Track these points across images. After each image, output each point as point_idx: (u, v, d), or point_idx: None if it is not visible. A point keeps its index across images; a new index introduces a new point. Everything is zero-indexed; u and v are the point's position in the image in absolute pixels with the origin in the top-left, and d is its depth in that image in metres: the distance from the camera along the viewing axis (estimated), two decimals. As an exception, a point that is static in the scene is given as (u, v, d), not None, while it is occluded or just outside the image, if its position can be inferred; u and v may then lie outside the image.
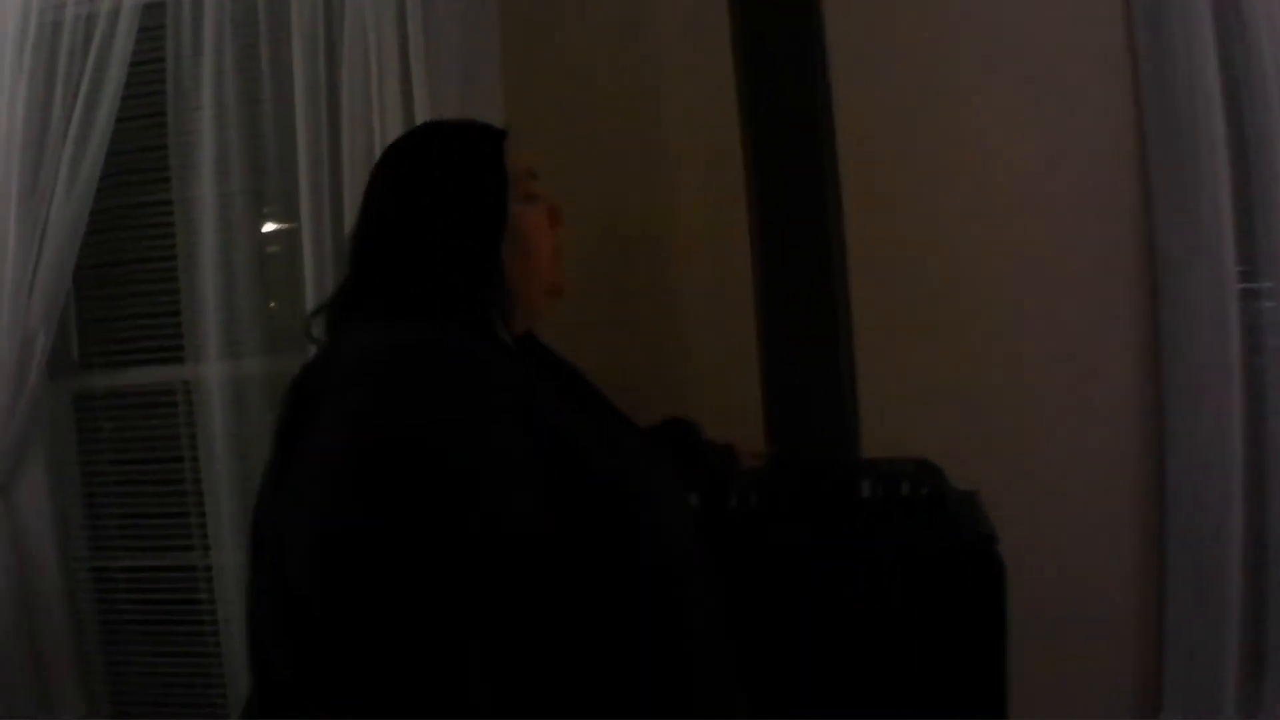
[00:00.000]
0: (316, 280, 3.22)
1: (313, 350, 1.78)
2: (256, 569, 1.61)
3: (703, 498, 2.40)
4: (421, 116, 3.05)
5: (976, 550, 2.20)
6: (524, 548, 1.49)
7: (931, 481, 2.44)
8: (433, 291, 1.75)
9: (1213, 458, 2.87)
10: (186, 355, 3.43)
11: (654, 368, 3.19)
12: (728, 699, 1.72)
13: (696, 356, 3.21)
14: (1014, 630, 2.19)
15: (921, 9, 3.14)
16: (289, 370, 1.67)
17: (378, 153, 2.77)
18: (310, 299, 3.19)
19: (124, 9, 3.38)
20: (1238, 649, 2.86)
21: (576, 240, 2.75)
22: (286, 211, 3.39)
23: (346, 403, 1.53)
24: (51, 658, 3.51)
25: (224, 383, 3.39)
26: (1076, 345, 3.03)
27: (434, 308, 1.73)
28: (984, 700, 2.17)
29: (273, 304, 3.44)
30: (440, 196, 1.83)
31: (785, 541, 2.34)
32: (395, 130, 3.08)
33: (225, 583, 3.45)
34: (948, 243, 3.08)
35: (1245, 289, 2.91)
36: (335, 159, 3.22)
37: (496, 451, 1.52)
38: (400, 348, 1.60)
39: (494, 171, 1.86)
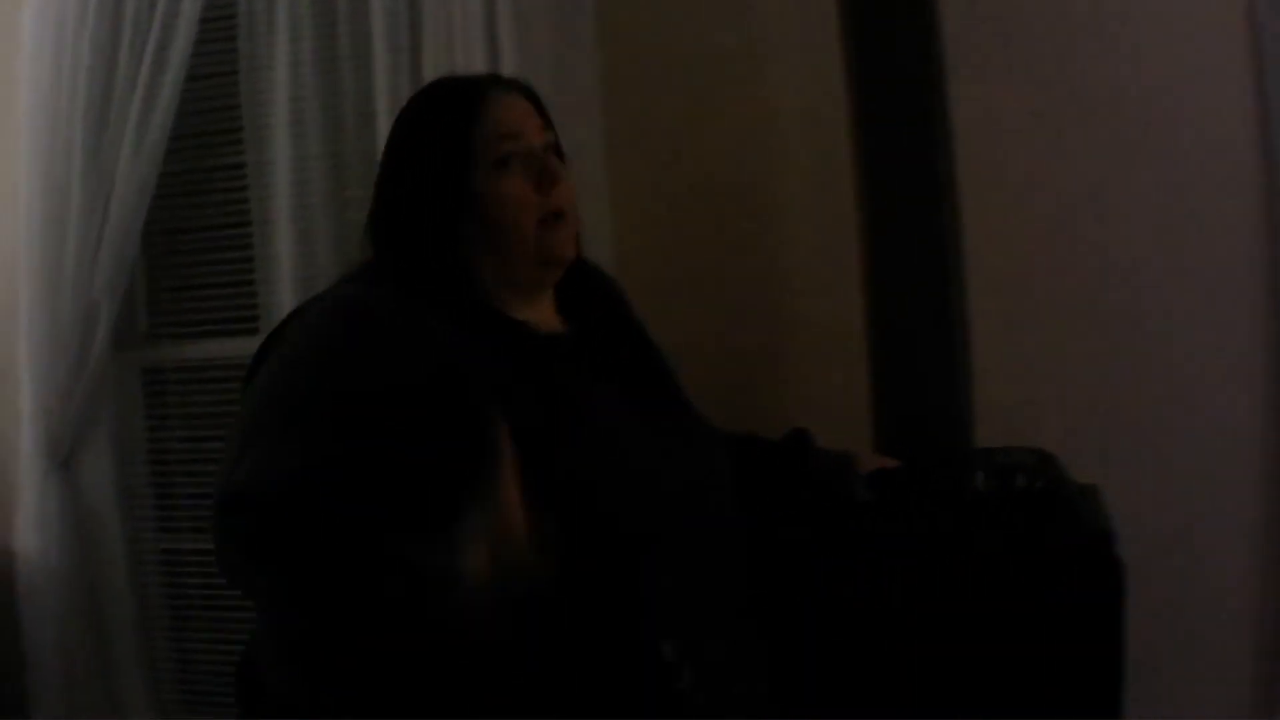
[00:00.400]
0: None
1: None
2: None
3: (813, 512, 2.38)
4: (508, 68, 2.99)
5: (1095, 549, 2.17)
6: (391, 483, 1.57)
7: (1049, 474, 2.41)
8: (397, 263, 1.91)
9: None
10: (261, 327, 3.45)
11: (750, 334, 3.16)
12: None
13: (797, 326, 3.15)
14: (1130, 628, 2.18)
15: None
16: (368, 341, 1.80)
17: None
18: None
19: (194, -40, 3.38)
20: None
21: (672, 199, 2.91)
22: (366, 175, 3.29)
23: (280, 355, 1.77)
24: (116, 643, 3.55)
25: (299, 356, 3.40)
26: (1204, 339, 2.98)
27: (401, 277, 1.86)
28: (1099, 701, 2.17)
29: (352, 273, 3.44)
30: (398, 169, 1.99)
31: (891, 534, 2.33)
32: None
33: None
34: (1070, 226, 3.02)
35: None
36: None
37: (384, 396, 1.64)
38: (332, 308, 1.83)
39: (451, 140, 1.94)
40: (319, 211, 3.40)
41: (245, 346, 3.45)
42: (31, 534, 3.51)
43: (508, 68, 3.00)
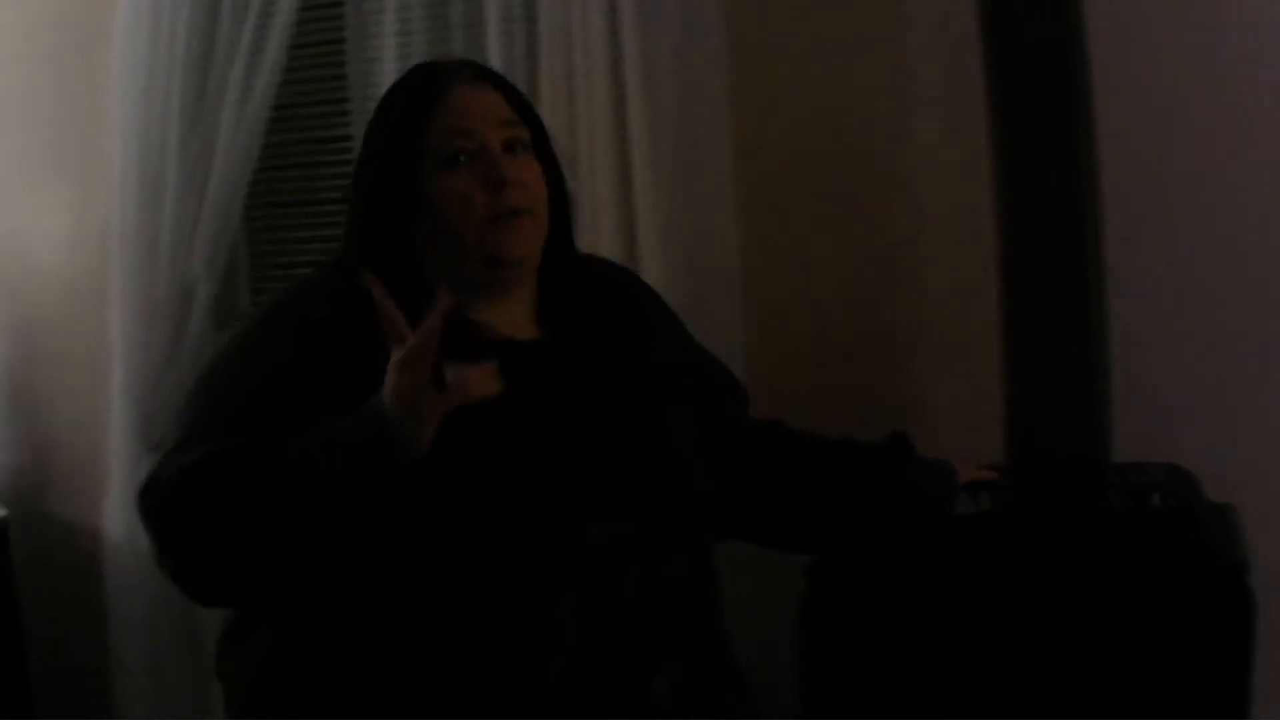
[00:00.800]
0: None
1: None
2: None
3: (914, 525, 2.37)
4: (629, 36, 3.04)
5: (1224, 579, 2.14)
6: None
7: (1183, 493, 2.39)
8: (351, 259, 2.03)
9: None
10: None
11: (877, 326, 3.14)
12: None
13: (925, 297, 3.11)
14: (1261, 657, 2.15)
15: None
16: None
17: (579, 81, 3.09)
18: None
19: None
20: None
21: (797, 153, 2.97)
22: None
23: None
24: (208, 635, 3.54)
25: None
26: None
27: (351, 274, 1.93)
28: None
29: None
30: (357, 164, 2.14)
31: (1010, 554, 2.32)
32: (600, 55, 3.08)
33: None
34: (1222, 225, 2.93)
35: None
36: (533, 89, 3.10)
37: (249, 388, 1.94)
38: (265, 304, 2.23)
39: (402, 137, 2.04)
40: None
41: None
42: (120, 520, 3.54)
43: (628, 35, 3.04)
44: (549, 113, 2.96)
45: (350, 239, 2.09)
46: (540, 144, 2.12)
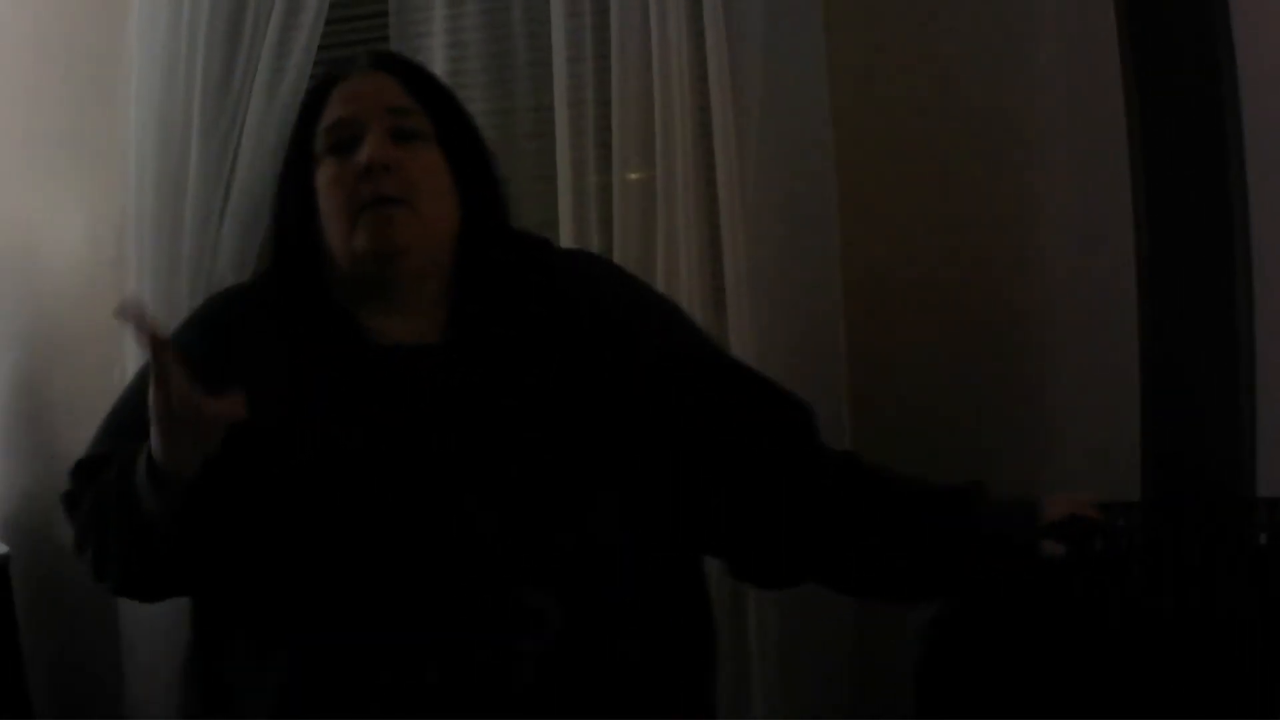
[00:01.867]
0: (575, 216, 3.03)
1: None
2: None
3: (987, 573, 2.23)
4: (711, 20, 2.85)
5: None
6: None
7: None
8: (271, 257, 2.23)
9: None
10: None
11: (989, 303, 2.93)
12: None
13: (1048, 292, 2.90)
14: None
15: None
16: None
17: (656, 66, 2.92)
18: (565, 236, 3.04)
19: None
20: None
21: (899, 123, 2.92)
22: (540, 146, 3.13)
23: None
24: None
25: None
26: None
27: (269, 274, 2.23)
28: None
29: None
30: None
31: (1138, 599, 2.24)
32: (678, 39, 2.88)
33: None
34: None
35: None
36: (602, 77, 2.98)
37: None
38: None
39: (294, 142, 2.16)
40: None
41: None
42: None
43: (710, 19, 2.86)
44: (621, 113, 2.97)
45: (264, 247, 2.32)
46: (450, 133, 2.14)
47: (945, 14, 2.91)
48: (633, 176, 2.96)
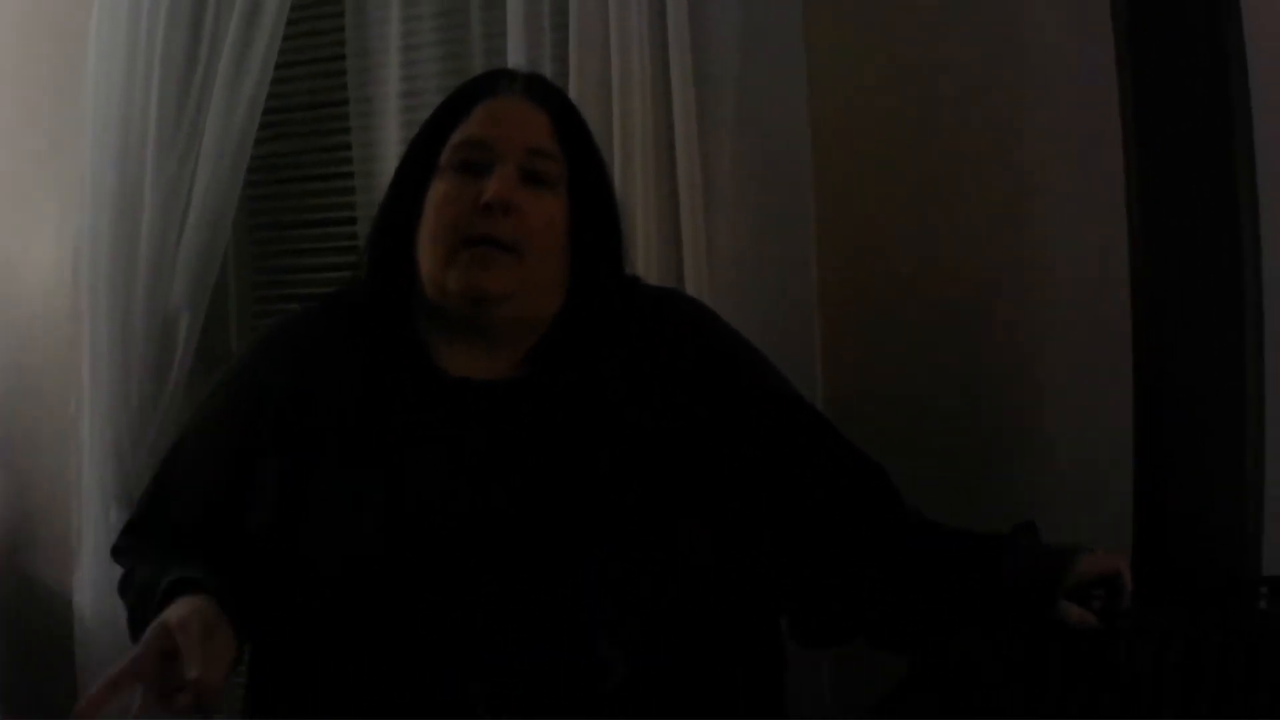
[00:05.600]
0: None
1: None
2: None
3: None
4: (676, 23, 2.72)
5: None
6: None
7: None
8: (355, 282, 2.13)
9: None
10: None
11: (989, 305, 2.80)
12: None
13: (1032, 296, 2.77)
14: None
15: None
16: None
17: (616, 86, 2.81)
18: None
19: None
20: None
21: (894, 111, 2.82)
22: None
23: None
24: None
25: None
26: None
27: (358, 295, 2.09)
28: None
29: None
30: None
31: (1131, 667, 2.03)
32: (637, 57, 2.75)
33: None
34: None
35: None
36: (560, 84, 2.75)
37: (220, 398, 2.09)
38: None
39: (422, 147, 2.03)
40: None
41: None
42: (91, 592, 3.24)
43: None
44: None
45: (360, 255, 2.14)
46: (582, 184, 2.03)
47: (928, 11, 2.82)
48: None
